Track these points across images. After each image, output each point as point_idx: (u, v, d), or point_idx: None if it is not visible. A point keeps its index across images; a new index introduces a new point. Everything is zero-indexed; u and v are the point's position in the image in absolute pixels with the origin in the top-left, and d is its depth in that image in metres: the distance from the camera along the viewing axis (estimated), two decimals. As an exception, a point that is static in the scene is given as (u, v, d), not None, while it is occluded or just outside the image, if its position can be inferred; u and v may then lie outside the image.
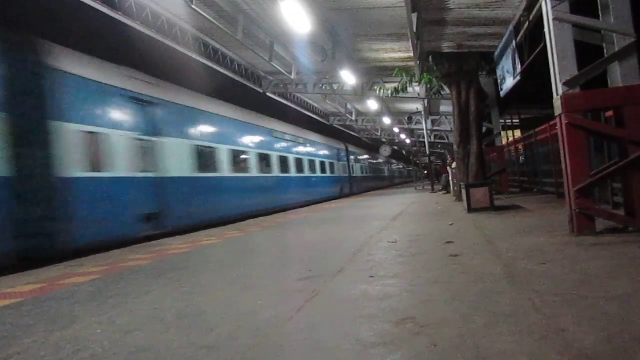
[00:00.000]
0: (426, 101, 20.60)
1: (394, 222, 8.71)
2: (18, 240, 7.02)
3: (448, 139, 30.85)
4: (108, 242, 8.32)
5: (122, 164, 9.07)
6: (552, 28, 5.22)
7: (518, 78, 9.29)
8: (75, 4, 9.58)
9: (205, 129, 12.59)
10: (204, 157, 12.11)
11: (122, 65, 9.91)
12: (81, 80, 8.43)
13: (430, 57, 12.21)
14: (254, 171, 15.34)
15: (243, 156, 14.73)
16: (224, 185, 13.16)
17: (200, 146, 11.98)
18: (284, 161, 18.04)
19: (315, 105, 25.93)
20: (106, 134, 8.74)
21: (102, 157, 8.64)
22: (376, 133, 38.70)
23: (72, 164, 8.00)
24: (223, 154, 13.15)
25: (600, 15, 5.23)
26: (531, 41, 8.39)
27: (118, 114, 9.16)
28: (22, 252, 7.05)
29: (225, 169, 13.24)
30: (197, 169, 11.64)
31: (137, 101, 9.70)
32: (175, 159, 10.79)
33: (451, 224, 7.35)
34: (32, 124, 7.56)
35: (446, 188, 19.01)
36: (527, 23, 8.25)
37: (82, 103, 8.41)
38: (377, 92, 17.63)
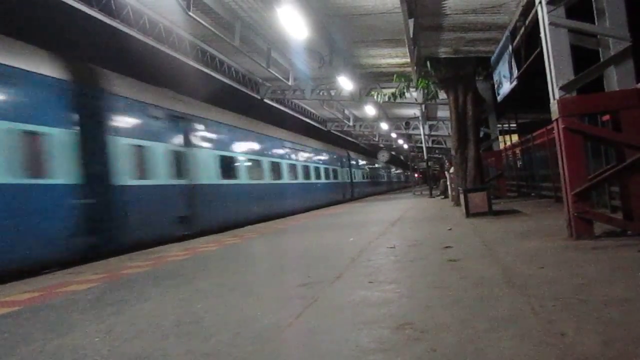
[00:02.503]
0: (423, 106, 20.65)
1: (393, 227, 8.70)
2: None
3: (446, 144, 30.94)
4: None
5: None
6: (548, 33, 5.24)
7: (515, 83, 9.33)
8: (72, 11, 9.60)
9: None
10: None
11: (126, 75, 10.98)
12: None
13: (428, 63, 12.26)
14: (279, 178, 17.14)
15: (271, 166, 16.54)
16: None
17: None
18: (294, 169, 19.29)
19: (313, 111, 25.96)
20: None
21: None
22: (374, 138, 38.73)
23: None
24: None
25: (596, 19, 5.26)
26: (527, 46, 8.43)
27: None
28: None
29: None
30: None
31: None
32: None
33: (449, 229, 7.35)
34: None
35: (444, 193, 19.01)
36: (523, 28, 8.30)
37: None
38: (375, 97, 17.67)
